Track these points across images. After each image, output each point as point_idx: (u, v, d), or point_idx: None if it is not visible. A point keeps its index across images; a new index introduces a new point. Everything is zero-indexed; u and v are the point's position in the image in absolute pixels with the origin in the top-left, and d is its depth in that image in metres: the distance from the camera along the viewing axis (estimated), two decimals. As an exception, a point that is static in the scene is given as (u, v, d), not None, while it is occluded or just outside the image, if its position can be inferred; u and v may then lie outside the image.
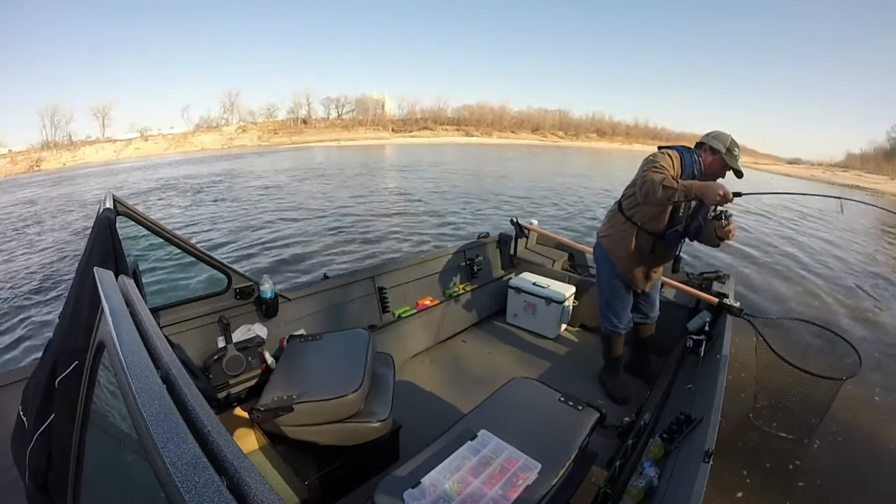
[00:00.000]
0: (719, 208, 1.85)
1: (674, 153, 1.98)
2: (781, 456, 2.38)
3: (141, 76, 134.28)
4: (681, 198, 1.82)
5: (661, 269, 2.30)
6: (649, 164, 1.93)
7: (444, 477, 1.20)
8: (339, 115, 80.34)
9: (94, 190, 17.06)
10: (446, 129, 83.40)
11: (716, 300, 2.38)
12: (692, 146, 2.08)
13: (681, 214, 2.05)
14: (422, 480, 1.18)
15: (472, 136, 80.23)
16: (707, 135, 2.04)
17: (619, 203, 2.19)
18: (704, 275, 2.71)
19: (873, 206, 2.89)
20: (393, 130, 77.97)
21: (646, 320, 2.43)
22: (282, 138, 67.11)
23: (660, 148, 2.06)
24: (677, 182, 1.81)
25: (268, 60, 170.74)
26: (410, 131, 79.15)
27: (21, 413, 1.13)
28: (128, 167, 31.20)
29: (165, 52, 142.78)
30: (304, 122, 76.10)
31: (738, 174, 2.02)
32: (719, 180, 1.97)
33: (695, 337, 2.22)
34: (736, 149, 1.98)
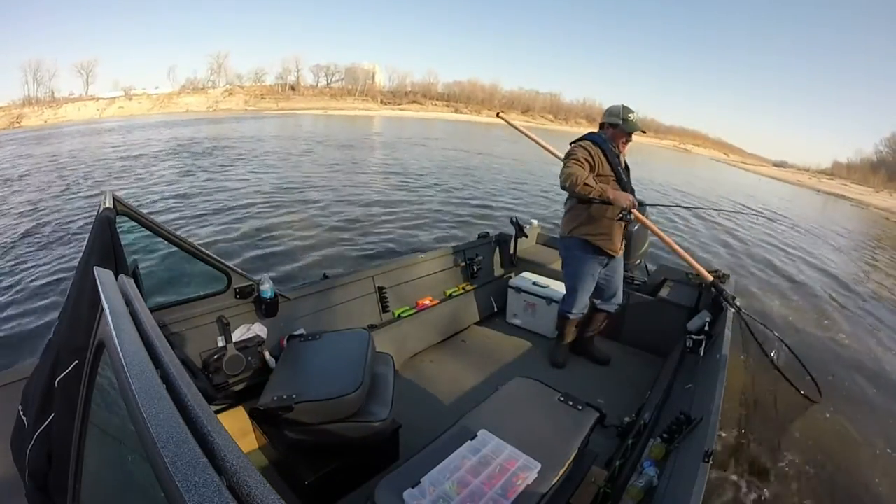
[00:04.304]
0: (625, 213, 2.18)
1: (588, 144, 2.17)
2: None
3: (128, 34, 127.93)
4: (595, 197, 2.08)
5: (623, 242, 2.37)
6: (569, 156, 2.15)
7: (443, 477, 1.21)
8: (328, 84, 78.55)
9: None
10: (436, 105, 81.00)
11: (710, 277, 2.44)
12: (597, 131, 2.28)
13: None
14: (421, 480, 1.18)
15: (461, 112, 78.08)
16: (603, 114, 2.26)
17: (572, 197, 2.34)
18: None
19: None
20: (382, 102, 76.25)
21: (605, 306, 2.53)
22: (269, 104, 65.68)
23: (573, 142, 2.24)
24: (595, 184, 2.07)
25: (257, 23, 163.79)
26: (399, 104, 77.26)
27: (21, 413, 1.13)
28: (111, 126, 29.84)
29: (153, 10, 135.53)
30: (293, 88, 74.31)
31: (641, 131, 2.23)
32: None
33: (695, 337, 2.23)
34: (630, 114, 2.16)
